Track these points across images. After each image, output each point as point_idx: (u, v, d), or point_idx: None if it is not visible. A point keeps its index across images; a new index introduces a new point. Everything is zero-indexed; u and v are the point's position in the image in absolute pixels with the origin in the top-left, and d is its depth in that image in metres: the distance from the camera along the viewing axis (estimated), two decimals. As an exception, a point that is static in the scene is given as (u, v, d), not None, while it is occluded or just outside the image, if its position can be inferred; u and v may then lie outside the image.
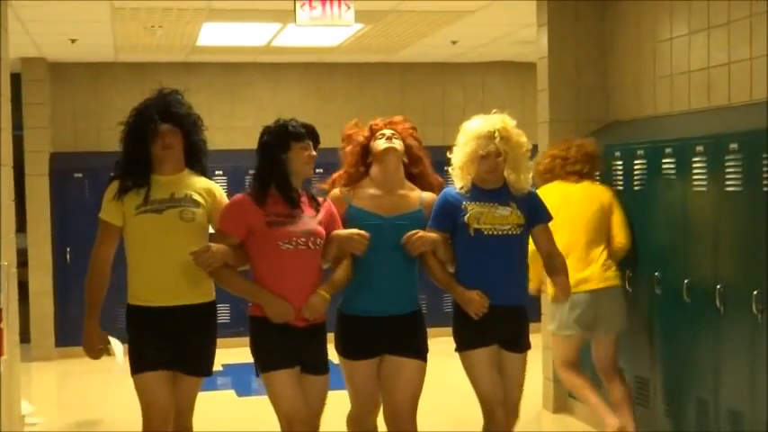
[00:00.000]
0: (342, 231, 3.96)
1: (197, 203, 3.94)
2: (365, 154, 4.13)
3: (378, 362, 4.04)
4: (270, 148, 3.89)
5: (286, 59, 9.10)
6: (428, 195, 4.14)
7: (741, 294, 4.40)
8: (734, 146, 4.54)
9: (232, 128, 9.05)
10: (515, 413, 4.19)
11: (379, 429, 4.22)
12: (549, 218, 4.20)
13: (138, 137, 3.93)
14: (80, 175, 8.74)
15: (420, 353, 4.04)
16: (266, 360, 3.84)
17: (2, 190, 5.81)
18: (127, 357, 3.99)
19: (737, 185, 4.45)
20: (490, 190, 4.12)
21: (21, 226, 7.56)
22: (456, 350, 4.14)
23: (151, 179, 3.96)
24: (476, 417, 4.23)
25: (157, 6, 6.64)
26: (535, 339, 4.44)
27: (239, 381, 7.22)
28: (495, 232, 4.06)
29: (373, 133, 4.12)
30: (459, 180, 4.17)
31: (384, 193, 4.06)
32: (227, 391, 7.08)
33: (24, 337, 7.66)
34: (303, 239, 3.82)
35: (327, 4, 6.17)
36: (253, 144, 4.23)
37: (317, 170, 4.12)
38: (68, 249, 8.56)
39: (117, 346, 4.79)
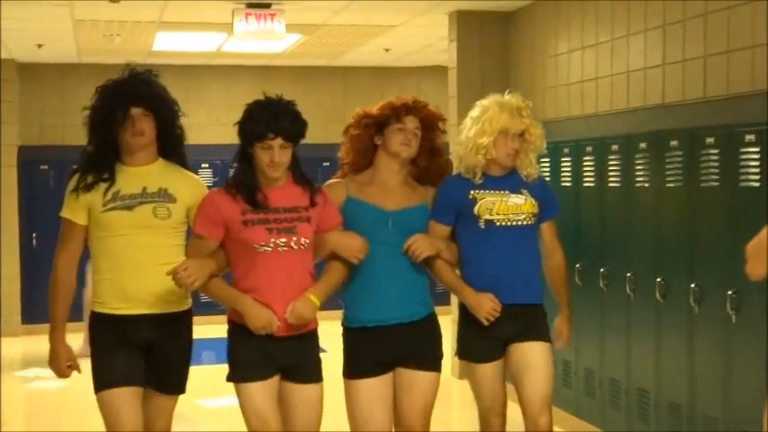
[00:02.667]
0: (343, 235, 3.43)
1: (172, 198, 3.40)
2: (378, 133, 3.54)
3: (392, 377, 3.54)
4: (240, 135, 3.34)
5: (236, 62, 9.56)
6: (431, 192, 3.67)
7: (647, 280, 4.72)
8: (615, 147, 5.10)
9: (187, 125, 9.12)
10: (547, 410, 3.60)
11: None
12: (557, 210, 3.80)
13: (105, 122, 3.36)
14: (46, 166, 9.26)
15: (436, 364, 3.57)
16: (238, 371, 3.33)
17: None
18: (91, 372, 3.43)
19: (617, 182, 5.10)
20: (499, 176, 3.64)
21: None
22: (459, 357, 3.75)
23: (120, 170, 3.41)
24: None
25: (114, 19, 7.14)
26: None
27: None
28: (509, 223, 3.59)
29: (396, 114, 3.51)
30: (469, 158, 3.62)
31: (387, 185, 3.57)
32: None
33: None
34: (284, 240, 3.27)
35: (261, 19, 6.65)
36: (204, 140, 4.17)
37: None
38: (35, 235, 9.09)
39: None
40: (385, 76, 9.80)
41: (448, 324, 5.26)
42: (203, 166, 9.22)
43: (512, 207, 3.58)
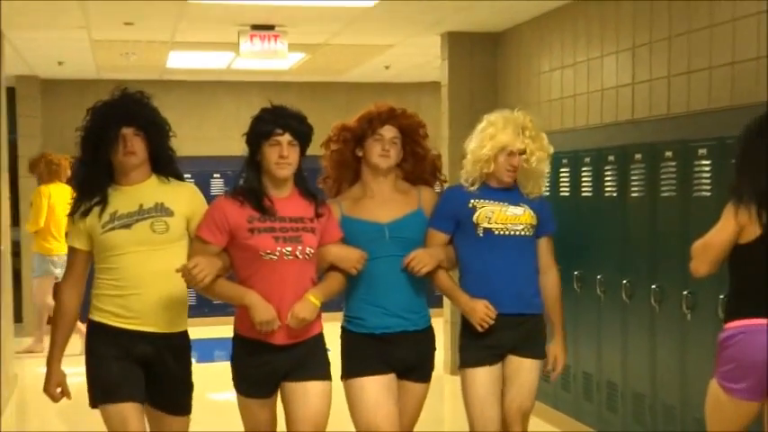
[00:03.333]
0: (341, 249, 3.41)
1: (169, 212, 3.35)
2: (356, 145, 3.50)
3: (393, 380, 3.48)
4: (248, 141, 3.33)
5: (246, 79, 9.74)
6: (427, 192, 3.62)
7: (615, 281, 4.94)
8: (587, 159, 5.35)
9: (199, 137, 9.64)
10: (524, 421, 3.64)
11: None
12: (555, 229, 3.79)
13: (97, 142, 3.32)
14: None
15: (430, 378, 3.60)
16: (239, 384, 3.36)
17: (1, 190, 6.40)
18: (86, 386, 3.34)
19: (589, 192, 5.42)
20: (501, 189, 3.63)
21: (14, 221, 8.25)
22: (459, 367, 3.68)
23: (115, 190, 3.37)
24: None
25: (129, 39, 7.37)
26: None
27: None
28: (508, 232, 3.58)
29: (371, 125, 3.46)
30: (471, 170, 3.63)
31: (378, 196, 3.51)
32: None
33: (17, 317, 8.30)
34: (289, 248, 3.25)
35: (265, 39, 6.88)
36: (215, 152, 4.25)
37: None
38: (55, 241, 9.31)
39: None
40: (386, 92, 9.92)
41: (440, 325, 5.48)
42: (215, 176, 9.48)
43: (511, 217, 3.57)
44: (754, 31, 4.47)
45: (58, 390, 3.40)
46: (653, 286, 4.68)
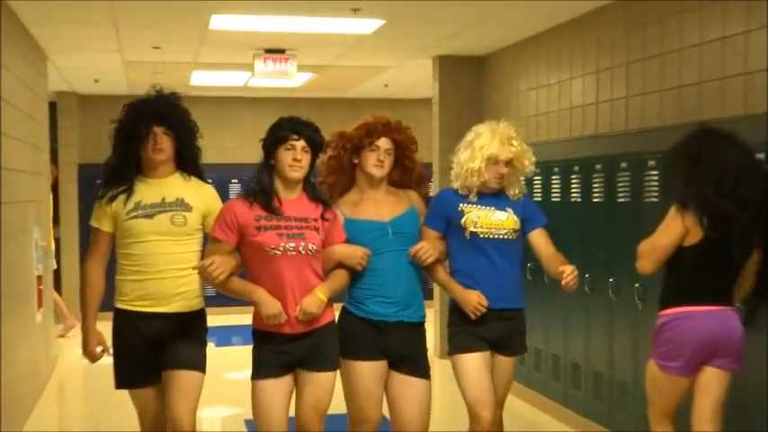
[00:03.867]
0: (346, 248, 3.35)
1: (188, 207, 3.34)
2: (355, 154, 3.44)
3: (385, 366, 3.43)
4: (264, 145, 3.28)
5: (261, 95, 9.79)
6: (413, 194, 3.60)
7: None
8: (556, 169, 5.46)
9: (221, 147, 9.72)
10: (500, 407, 3.67)
11: None
12: (546, 221, 3.74)
13: (130, 137, 3.30)
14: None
15: (428, 374, 3.51)
16: (255, 371, 3.28)
17: (44, 202, 6.65)
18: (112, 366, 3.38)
19: (557, 198, 5.39)
20: (488, 194, 3.61)
21: (56, 220, 8.43)
22: (449, 353, 3.64)
23: (141, 182, 3.34)
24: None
25: (157, 60, 7.50)
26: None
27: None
28: (492, 236, 3.56)
29: (369, 136, 3.41)
30: (463, 180, 3.60)
31: (376, 198, 3.48)
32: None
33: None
34: (293, 244, 3.19)
35: (277, 61, 6.98)
36: (235, 160, 4.14)
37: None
38: (91, 239, 9.50)
39: None
40: (386, 107, 9.81)
41: (431, 314, 5.19)
42: (233, 181, 9.59)
43: (495, 222, 3.54)
44: (697, 60, 4.63)
45: (99, 348, 3.40)
46: (610, 280, 4.84)
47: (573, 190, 5.35)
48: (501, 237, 3.55)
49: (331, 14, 5.83)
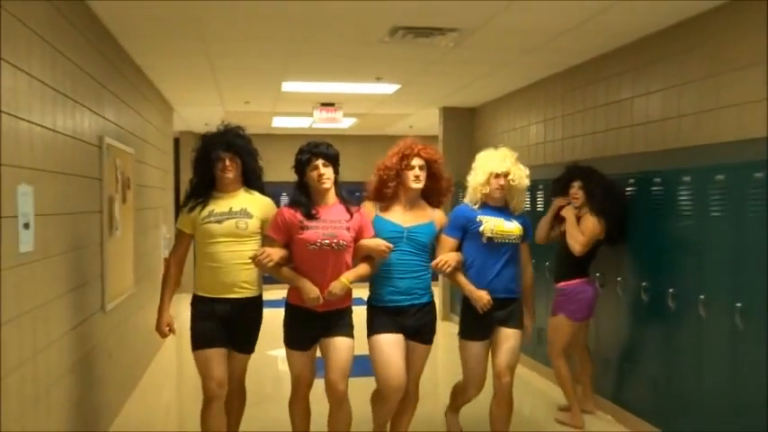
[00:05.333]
0: (372, 241, 3.24)
1: (249, 215, 3.24)
2: (397, 174, 3.30)
3: (402, 339, 3.30)
4: (295, 170, 3.22)
5: (320, 133, 9.65)
6: (437, 213, 3.42)
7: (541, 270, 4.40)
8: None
9: (289, 170, 10.16)
10: (511, 373, 3.51)
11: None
12: (531, 237, 3.61)
13: (205, 161, 3.23)
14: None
15: (431, 339, 3.39)
16: (288, 339, 3.24)
17: (168, 208, 6.96)
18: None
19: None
20: (498, 208, 3.48)
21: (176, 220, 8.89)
22: (459, 336, 3.50)
23: (215, 196, 3.25)
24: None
25: (247, 110, 7.84)
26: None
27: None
28: (504, 240, 3.44)
29: (407, 158, 3.30)
30: (473, 194, 3.48)
31: (405, 208, 3.35)
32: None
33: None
34: (327, 242, 3.12)
35: (330, 111, 7.41)
36: (288, 178, 4.19)
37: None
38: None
39: None
40: None
41: (438, 293, 5.03)
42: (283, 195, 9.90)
43: (506, 229, 3.43)
44: (603, 114, 4.91)
45: (167, 328, 3.31)
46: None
47: (538, 205, 5.35)
48: (510, 241, 3.43)
49: (363, 81, 6.13)
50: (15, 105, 2.74)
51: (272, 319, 3.51)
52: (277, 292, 3.69)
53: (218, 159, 3.20)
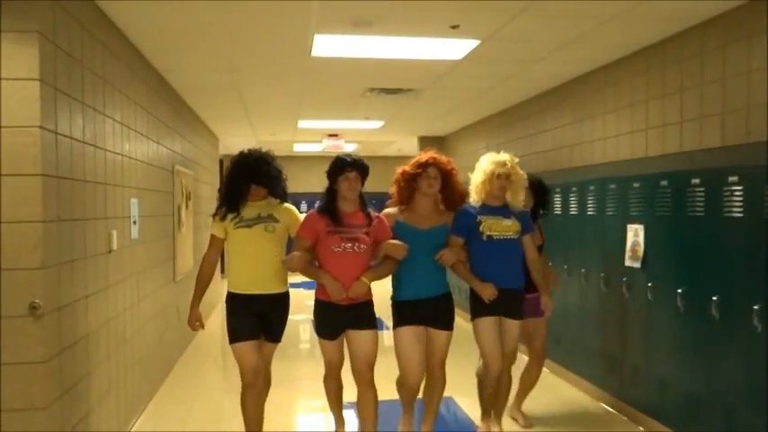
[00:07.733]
0: (390, 242, 3.13)
1: (276, 220, 3.15)
2: (413, 181, 3.19)
3: (423, 330, 3.19)
4: (328, 175, 3.12)
5: (331, 155, 10.39)
6: (450, 215, 3.29)
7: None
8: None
9: (308, 182, 9.76)
10: (513, 357, 3.42)
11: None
12: (532, 229, 3.41)
13: (236, 184, 3.13)
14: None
15: (450, 327, 3.24)
16: (318, 330, 3.16)
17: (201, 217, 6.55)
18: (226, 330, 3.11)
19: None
20: (497, 206, 3.32)
21: None
22: (472, 319, 3.34)
23: (245, 205, 3.15)
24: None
25: (273, 140, 8.42)
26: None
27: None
28: (502, 237, 3.28)
29: (423, 168, 3.18)
30: (476, 195, 3.33)
31: (422, 212, 3.23)
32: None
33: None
34: (350, 245, 3.04)
35: (335, 140, 7.97)
36: (311, 189, 4.24)
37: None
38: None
39: None
40: (402, 161, 9.31)
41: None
42: (315, 203, 10.25)
43: (504, 227, 3.29)
44: (550, 137, 5.04)
45: (197, 323, 3.22)
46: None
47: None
48: (508, 237, 3.29)
49: (356, 119, 6.80)
50: (121, 147, 3.58)
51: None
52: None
53: (248, 188, 3.13)
